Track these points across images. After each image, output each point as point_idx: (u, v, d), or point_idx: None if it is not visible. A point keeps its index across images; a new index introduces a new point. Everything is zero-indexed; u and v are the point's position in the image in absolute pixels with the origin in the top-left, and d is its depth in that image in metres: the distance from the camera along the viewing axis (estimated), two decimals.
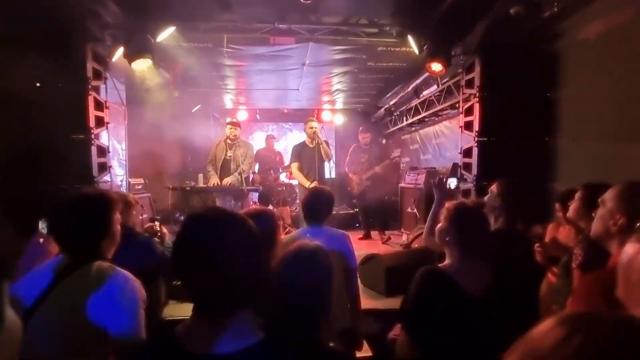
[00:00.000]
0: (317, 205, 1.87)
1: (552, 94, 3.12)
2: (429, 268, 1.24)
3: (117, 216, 1.12)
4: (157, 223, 2.18)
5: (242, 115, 6.95)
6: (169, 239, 2.17)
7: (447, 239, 1.28)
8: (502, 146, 3.24)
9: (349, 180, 4.86)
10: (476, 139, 3.32)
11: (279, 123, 7.87)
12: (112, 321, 0.96)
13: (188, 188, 3.99)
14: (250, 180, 5.76)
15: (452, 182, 3.51)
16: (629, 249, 0.61)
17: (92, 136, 2.90)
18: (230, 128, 4.16)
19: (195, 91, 5.32)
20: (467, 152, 3.50)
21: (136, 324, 0.98)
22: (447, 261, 1.28)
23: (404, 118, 6.01)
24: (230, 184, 4.06)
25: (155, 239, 2.09)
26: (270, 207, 5.86)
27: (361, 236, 4.72)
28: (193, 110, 5.94)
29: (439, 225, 1.33)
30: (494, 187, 1.73)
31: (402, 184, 5.38)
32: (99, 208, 1.07)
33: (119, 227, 1.13)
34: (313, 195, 1.90)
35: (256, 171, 5.76)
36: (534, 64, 3.05)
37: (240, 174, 3.92)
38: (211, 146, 4.34)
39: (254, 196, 6.32)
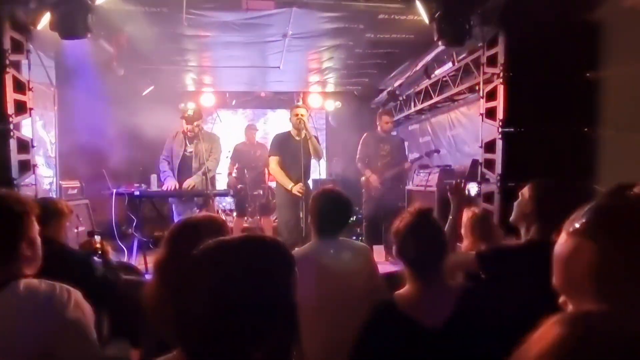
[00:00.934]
0: (335, 212, 1.88)
1: (592, 75, 3.21)
2: (383, 300, 1.29)
3: (35, 227, 1.11)
4: (97, 238, 2.16)
5: (207, 100, 6.94)
6: (112, 257, 2.14)
7: (398, 256, 1.35)
8: (531, 138, 3.32)
9: (364, 180, 4.84)
10: (500, 129, 3.39)
11: (256, 110, 7.89)
12: (59, 347, 0.96)
13: (137, 193, 3.95)
14: (227, 183, 5.77)
15: (472, 188, 3.58)
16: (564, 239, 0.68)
17: (11, 126, 2.85)
18: (187, 114, 4.15)
19: (146, 69, 5.29)
20: (489, 146, 3.57)
21: (89, 349, 0.98)
22: (405, 287, 1.33)
23: (412, 104, 6.09)
24: (192, 187, 4.03)
25: (95, 258, 2.07)
26: (246, 217, 5.89)
27: None
28: (144, 94, 5.90)
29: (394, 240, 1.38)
30: (525, 190, 1.76)
31: (410, 186, 5.45)
32: (10, 216, 1.06)
33: (38, 240, 1.11)
34: (329, 199, 1.91)
35: (234, 173, 5.76)
36: (570, 37, 3.13)
37: (204, 174, 3.90)
38: (166, 139, 4.31)
39: (221, 203, 6.32)
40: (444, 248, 1.35)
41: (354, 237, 5.88)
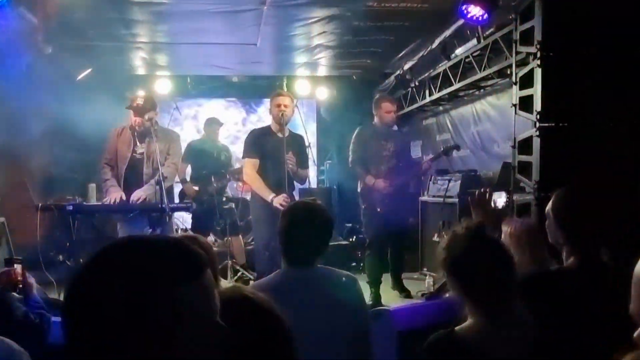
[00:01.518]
0: (310, 233, 1.88)
1: None
2: (441, 334, 1.33)
3: None
4: (16, 267, 2.13)
5: (162, 87, 6.93)
6: (37, 292, 2.11)
7: (455, 289, 1.40)
8: (577, 135, 3.37)
9: (364, 187, 4.67)
10: (537, 124, 3.44)
11: (228, 100, 7.89)
12: None
13: (70, 208, 3.90)
14: (179, 192, 5.74)
15: (500, 198, 3.62)
16: None
17: None
18: (136, 103, 4.13)
19: (81, 46, 5.25)
20: (524, 146, 3.62)
21: None
22: (467, 322, 1.37)
23: (426, 92, 6.16)
24: (142, 199, 4.01)
25: (14, 294, 2.04)
26: (211, 236, 5.85)
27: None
28: (79, 78, 5.86)
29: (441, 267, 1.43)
30: (549, 205, 1.83)
31: (425, 197, 5.49)
32: None
33: None
34: (301, 215, 1.92)
35: (188, 178, 5.74)
36: (627, 5, 3.19)
37: (159, 182, 3.87)
38: (109, 138, 4.28)
39: (182, 220, 6.26)
40: (514, 271, 1.41)
41: (353, 264, 5.91)
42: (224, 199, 5.67)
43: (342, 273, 1.97)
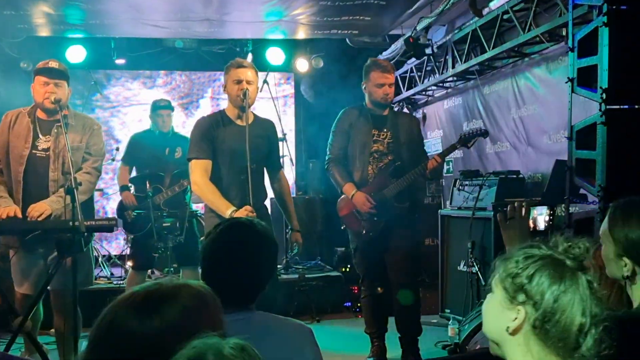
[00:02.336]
0: (240, 267, 1.93)
1: None
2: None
3: None
4: None
5: (75, 54, 6.95)
6: None
7: None
8: None
9: (342, 202, 4.67)
10: (604, 106, 3.48)
11: (171, 74, 7.87)
12: None
13: None
14: (117, 204, 5.63)
15: (541, 216, 3.65)
16: None
17: None
18: (44, 82, 4.09)
19: None
20: (585, 137, 3.67)
21: None
22: None
23: (449, 61, 6.22)
24: (45, 215, 3.99)
25: None
26: (153, 271, 5.78)
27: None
28: None
29: None
30: (604, 224, 1.96)
31: (447, 210, 5.52)
32: None
33: None
34: (228, 243, 1.97)
35: (131, 186, 5.70)
36: None
37: (71, 191, 3.85)
38: None
39: (103, 244, 6.13)
40: None
41: (347, 304, 5.93)
42: (164, 212, 5.65)
43: (291, 322, 2.00)
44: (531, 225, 2.73)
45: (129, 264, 5.92)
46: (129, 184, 5.67)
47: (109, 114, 7.94)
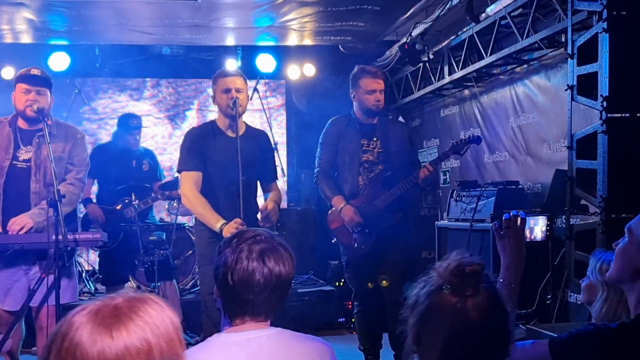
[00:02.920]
0: (251, 280, 1.90)
1: None
2: None
3: None
4: None
5: (57, 62, 6.92)
6: None
7: None
8: None
9: (332, 214, 4.64)
10: (605, 114, 3.50)
11: (158, 86, 7.85)
12: None
13: None
14: (82, 218, 5.62)
15: (537, 226, 3.65)
16: None
17: None
18: (26, 89, 4.06)
19: None
20: (585, 146, 3.69)
21: None
22: None
23: (445, 68, 6.24)
24: (26, 229, 3.96)
25: None
26: (130, 283, 5.76)
27: None
28: None
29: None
30: (636, 225, 1.91)
31: (444, 221, 5.52)
32: None
33: None
34: (244, 248, 1.93)
35: (94, 198, 5.67)
36: None
37: (54, 204, 3.83)
38: None
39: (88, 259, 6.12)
40: None
41: (341, 320, 5.90)
42: (150, 226, 5.64)
43: (310, 339, 1.98)
44: (527, 235, 2.74)
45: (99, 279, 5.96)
46: (92, 197, 5.72)
47: (96, 126, 7.93)
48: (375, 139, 4.59)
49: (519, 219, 2.16)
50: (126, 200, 5.56)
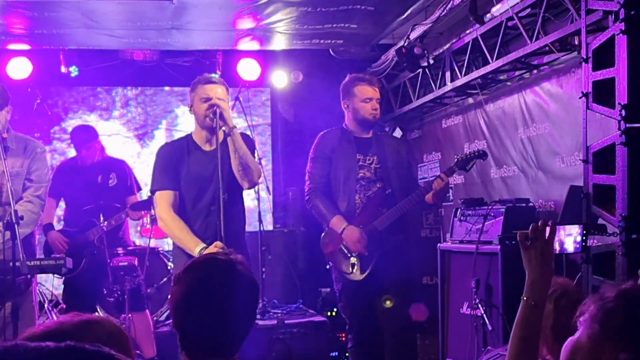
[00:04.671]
0: (213, 315, 1.93)
1: None
2: None
3: None
4: None
5: (18, 69, 6.91)
6: None
7: None
8: None
9: (327, 236, 4.68)
10: (624, 124, 3.49)
11: (127, 106, 7.84)
12: None
13: None
14: (43, 245, 5.59)
15: (569, 237, 3.63)
16: None
17: None
18: None
19: None
20: (602, 160, 3.68)
21: None
22: None
23: (447, 74, 6.25)
24: None
25: None
26: (98, 314, 5.71)
27: None
28: None
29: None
30: None
31: (447, 244, 5.49)
32: None
33: None
34: (204, 277, 1.96)
35: (59, 220, 5.62)
36: None
37: (10, 226, 3.79)
38: None
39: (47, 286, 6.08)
40: None
41: (334, 354, 5.85)
42: (120, 250, 5.60)
43: None
44: (557, 248, 2.69)
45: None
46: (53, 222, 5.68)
47: (66, 145, 7.97)
48: (371, 154, 4.61)
49: (547, 229, 2.11)
50: (95, 218, 5.52)
